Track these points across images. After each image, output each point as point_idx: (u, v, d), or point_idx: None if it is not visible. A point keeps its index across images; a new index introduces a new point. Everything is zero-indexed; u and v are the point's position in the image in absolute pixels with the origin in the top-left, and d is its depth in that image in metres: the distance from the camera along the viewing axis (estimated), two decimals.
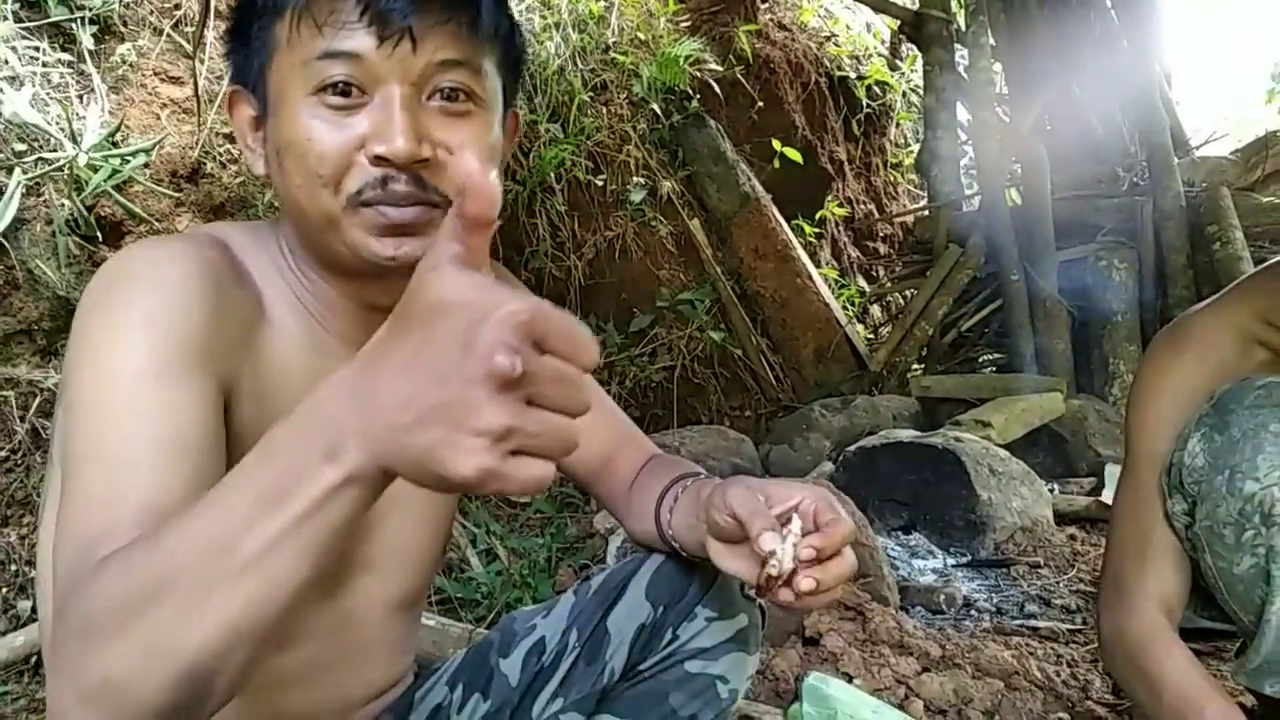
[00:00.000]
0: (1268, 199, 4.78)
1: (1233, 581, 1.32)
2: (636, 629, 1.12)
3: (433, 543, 1.14)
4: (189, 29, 3.54)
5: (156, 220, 3.19)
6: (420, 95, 0.89)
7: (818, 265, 5.37)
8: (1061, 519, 3.17)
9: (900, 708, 1.88)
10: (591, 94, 4.62)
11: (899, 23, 5.69)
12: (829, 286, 5.21)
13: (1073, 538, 3.02)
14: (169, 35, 3.52)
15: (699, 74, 4.97)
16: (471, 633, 2.10)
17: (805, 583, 0.87)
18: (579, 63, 4.62)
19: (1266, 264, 1.51)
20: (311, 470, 0.62)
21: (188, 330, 0.84)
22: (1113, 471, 3.46)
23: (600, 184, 4.47)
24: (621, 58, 4.82)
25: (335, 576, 1.03)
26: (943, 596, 2.54)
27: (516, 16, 1.12)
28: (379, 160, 0.87)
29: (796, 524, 0.89)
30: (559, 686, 1.13)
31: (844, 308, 5.24)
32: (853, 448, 3.30)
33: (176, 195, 3.30)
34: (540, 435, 0.58)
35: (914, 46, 5.84)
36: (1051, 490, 3.42)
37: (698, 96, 4.98)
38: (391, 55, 0.87)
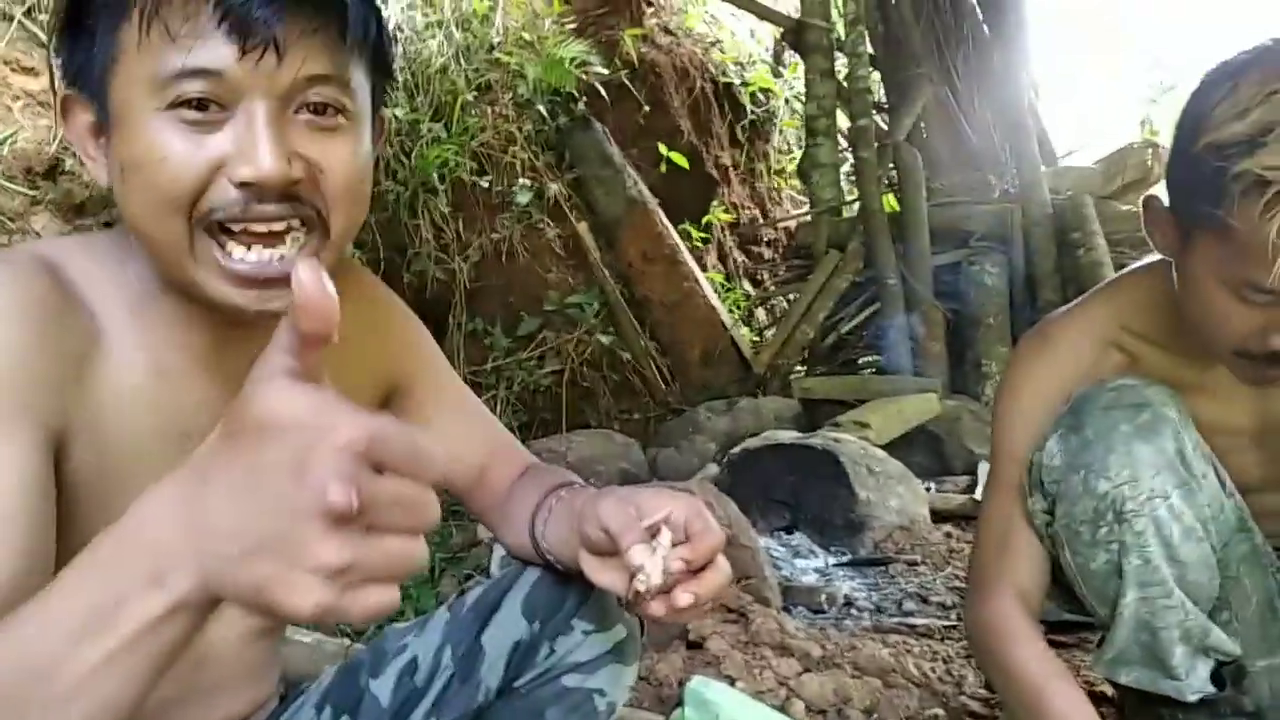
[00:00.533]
0: (1126, 207, 5.03)
1: (1089, 577, 1.37)
2: (512, 645, 1.10)
3: None
4: (43, 16, 3.36)
5: (9, 219, 3.02)
6: (286, 110, 0.82)
7: (704, 269, 5.42)
8: (938, 517, 3.26)
9: (781, 709, 1.90)
10: (475, 94, 4.56)
11: (781, 30, 5.79)
12: (715, 290, 5.26)
13: (949, 535, 3.11)
14: (20, 23, 3.32)
15: (585, 76, 4.96)
16: (348, 649, 2.03)
17: (683, 598, 0.86)
18: (462, 62, 4.55)
19: (1123, 271, 1.58)
20: (136, 595, 0.58)
21: (7, 377, 0.77)
22: (986, 469, 3.58)
23: (485, 185, 4.42)
24: (506, 58, 4.77)
25: None
26: (824, 596, 2.58)
27: (388, 15, 1.08)
28: (244, 186, 0.80)
29: (666, 536, 0.89)
30: (432, 707, 1.10)
31: (730, 311, 5.30)
32: (736, 450, 3.34)
33: (32, 194, 3.12)
34: (382, 564, 0.54)
35: (796, 54, 5.95)
36: (928, 489, 3.51)
37: (584, 99, 4.96)
38: (255, 68, 0.79)
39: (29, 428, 0.78)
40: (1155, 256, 1.41)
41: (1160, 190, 1.34)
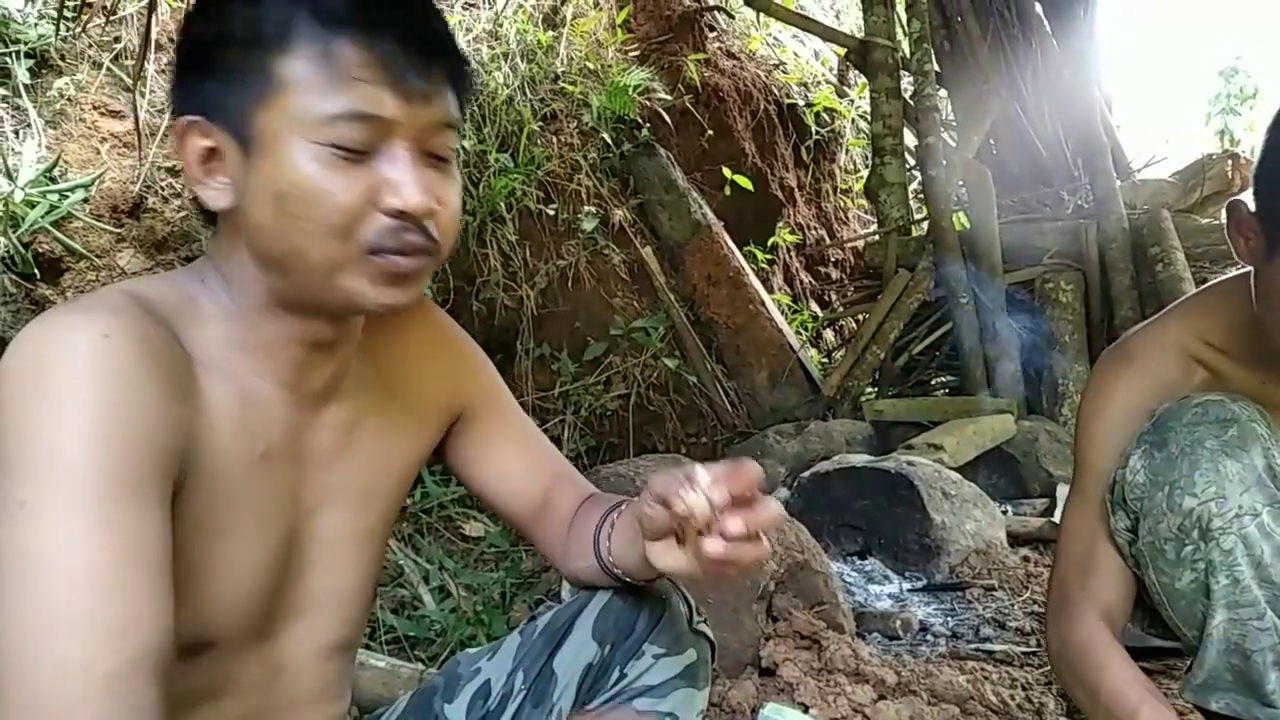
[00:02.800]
0: (1206, 220, 4.89)
1: (1175, 597, 1.34)
2: (584, 669, 1.10)
3: (364, 583, 1.11)
4: (129, 62, 3.49)
5: (96, 256, 3.13)
6: (421, 152, 0.91)
7: (770, 291, 5.40)
8: (1015, 540, 3.19)
9: None
10: (541, 123, 4.63)
11: (845, 50, 5.77)
12: (782, 312, 5.24)
13: (1026, 559, 3.04)
14: (108, 69, 3.46)
15: (648, 103, 5.00)
16: (423, 673, 2.06)
17: (733, 524, 0.87)
18: (528, 92, 4.62)
19: (1205, 286, 1.55)
20: None
21: (139, 430, 0.80)
22: (1064, 492, 3.49)
23: (551, 213, 4.47)
24: (570, 87, 4.83)
25: (265, 625, 1.00)
26: (899, 622, 2.54)
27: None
28: (399, 215, 0.89)
29: (703, 474, 0.90)
30: None
31: (797, 333, 5.27)
32: (807, 473, 3.30)
33: (117, 231, 3.24)
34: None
35: (861, 74, 5.92)
36: (1004, 512, 3.44)
37: (648, 125, 5.00)
38: (408, 111, 0.89)
39: (162, 479, 0.83)
40: (1237, 270, 1.37)
41: (1247, 196, 1.31)
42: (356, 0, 0.87)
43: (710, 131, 5.41)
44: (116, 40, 3.56)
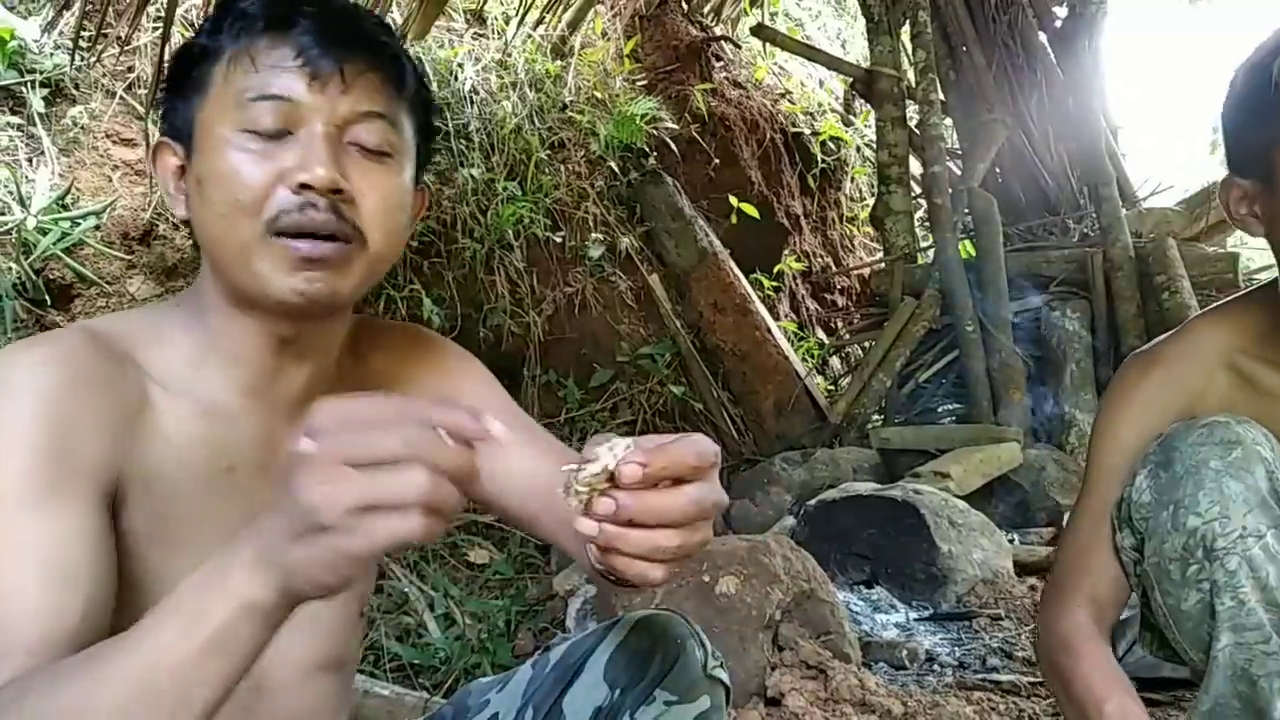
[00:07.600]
0: (1212, 248, 4.90)
1: (1182, 619, 1.33)
2: (593, 711, 1.08)
3: (347, 598, 1.10)
4: (142, 91, 3.53)
5: (107, 283, 3.16)
6: (341, 138, 0.95)
7: (776, 318, 5.41)
8: (1022, 569, 3.18)
9: None
10: (549, 152, 4.66)
11: (851, 80, 5.80)
12: (788, 339, 5.24)
13: (1033, 588, 3.03)
14: (121, 98, 3.50)
15: (655, 132, 5.03)
16: (427, 702, 2.05)
17: (602, 503, 0.74)
18: (536, 121, 4.66)
19: (1235, 294, 1.54)
20: (215, 604, 0.69)
21: (62, 443, 0.86)
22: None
23: (559, 241, 4.49)
24: (578, 116, 4.87)
25: None
26: (905, 651, 2.53)
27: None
28: (301, 189, 0.91)
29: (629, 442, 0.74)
30: None
31: (803, 360, 5.27)
32: (813, 501, 3.30)
33: (128, 257, 3.27)
34: (384, 493, 0.63)
35: (866, 103, 5.95)
36: (1011, 541, 3.43)
37: (655, 154, 5.03)
38: (320, 95, 0.93)
39: (90, 489, 0.87)
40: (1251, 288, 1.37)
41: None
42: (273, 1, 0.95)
43: (717, 160, 5.44)
44: (130, 70, 3.60)
